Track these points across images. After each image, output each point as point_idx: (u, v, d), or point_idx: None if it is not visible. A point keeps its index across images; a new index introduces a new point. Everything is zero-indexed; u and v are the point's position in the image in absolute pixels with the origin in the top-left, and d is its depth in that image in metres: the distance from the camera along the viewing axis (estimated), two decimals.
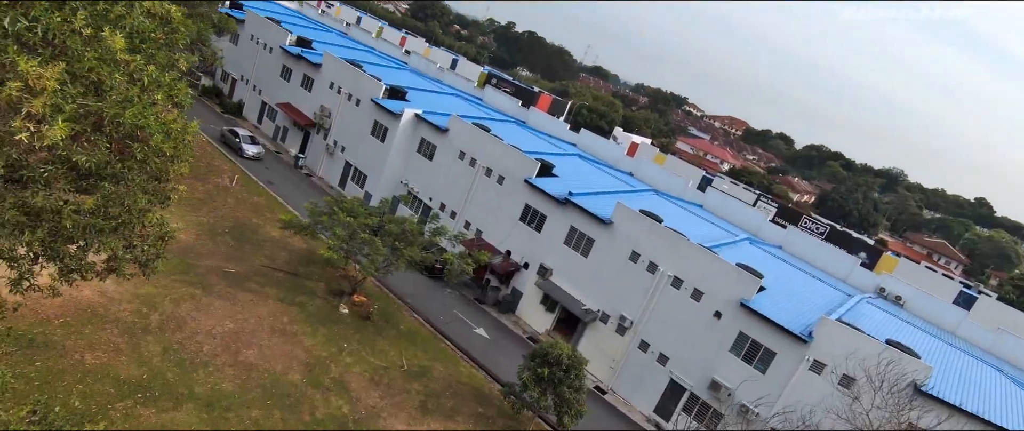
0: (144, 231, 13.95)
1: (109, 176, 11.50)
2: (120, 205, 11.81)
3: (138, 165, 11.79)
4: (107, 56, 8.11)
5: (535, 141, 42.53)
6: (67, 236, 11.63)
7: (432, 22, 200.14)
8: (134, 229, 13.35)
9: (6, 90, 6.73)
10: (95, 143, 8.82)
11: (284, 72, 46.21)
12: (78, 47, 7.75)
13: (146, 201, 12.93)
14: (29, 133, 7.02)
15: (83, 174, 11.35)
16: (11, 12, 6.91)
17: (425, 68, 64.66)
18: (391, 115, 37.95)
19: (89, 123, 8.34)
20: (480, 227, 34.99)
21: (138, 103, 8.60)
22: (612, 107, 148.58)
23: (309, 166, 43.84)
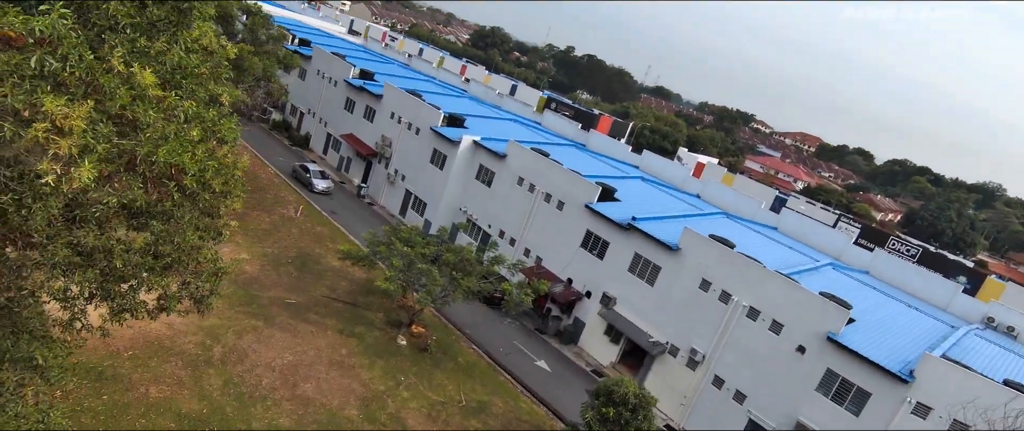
0: (198, 267, 13.82)
1: (159, 214, 11.38)
2: (170, 243, 11.65)
3: (188, 202, 11.64)
4: (140, 93, 7.87)
5: (595, 164, 41.38)
6: (119, 276, 11.55)
7: (492, 50, 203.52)
8: (187, 266, 13.22)
9: (32, 131, 6.51)
10: (129, 183, 8.58)
11: (348, 104, 47.38)
12: (112, 85, 7.54)
13: (198, 238, 12.78)
14: (56, 176, 6.77)
15: (134, 212, 11.29)
16: (39, 52, 6.74)
17: (484, 95, 65.03)
18: (449, 142, 37.90)
19: (122, 163, 8.10)
20: (540, 254, 34.02)
21: (174, 140, 8.31)
22: (675, 127, 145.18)
23: (371, 195, 44.42)
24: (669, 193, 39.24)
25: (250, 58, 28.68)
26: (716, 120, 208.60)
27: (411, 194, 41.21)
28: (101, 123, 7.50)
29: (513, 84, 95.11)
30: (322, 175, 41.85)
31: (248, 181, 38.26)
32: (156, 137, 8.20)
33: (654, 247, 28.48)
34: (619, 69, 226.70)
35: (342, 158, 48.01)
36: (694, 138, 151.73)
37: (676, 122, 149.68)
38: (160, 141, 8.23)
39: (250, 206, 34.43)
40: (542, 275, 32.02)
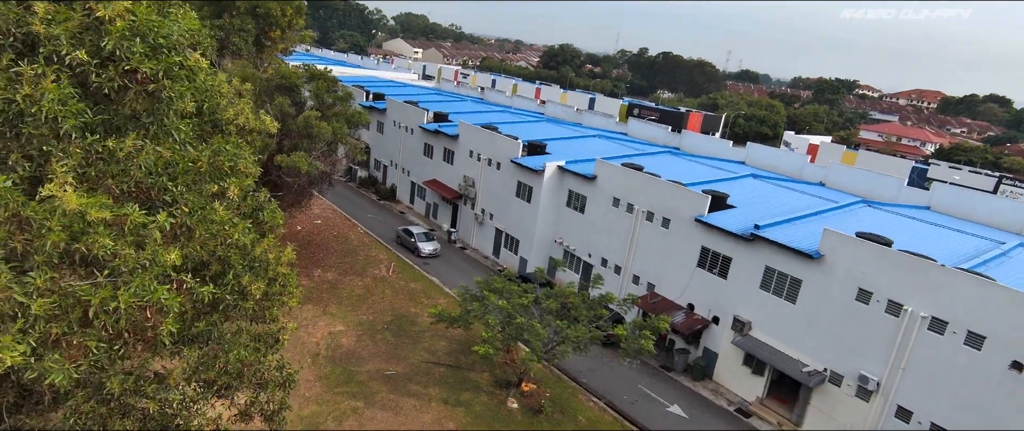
0: (262, 378, 11.87)
1: (192, 338, 9.45)
2: (212, 368, 9.68)
3: (221, 316, 9.64)
4: (83, 226, 5.86)
5: (697, 169, 37.15)
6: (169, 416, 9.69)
7: (564, 67, 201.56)
8: (248, 382, 11.28)
9: None
10: (83, 347, 6.50)
11: (426, 150, 46.41)
12: (40, 217, 5.60)
13: (253, 350, 10.80)
14: None
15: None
16: None
17: (563, 115, 62.38)
18: (533, 172, 35.37)
19: (74, 318, 6.05)
20: (651, 280, 30.32)
21: (143, 274, 6.19)
22: (772, 110, 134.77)
23: (462, 238, 42.73)
24: (789, 188, 34.20)
25: (318, 124, 27.87)
26: (815, 94, 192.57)
27: (501, 233, 38.98)
28: (33, 272, 5.47)
29: (590, 97, 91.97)
30: (427, 236, 39.52)
31: (338, 244, 37.83)
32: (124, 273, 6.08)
33: (788, 257, 24.03)
34: (698, 60, 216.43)
35: (428, 205, 46.94)
36: (795, 117, 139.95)
37: (771, 104, 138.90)
38: (128, 278, 6.10)
39: (342, 271, 33.60)
40: (658, 305, 28.29)
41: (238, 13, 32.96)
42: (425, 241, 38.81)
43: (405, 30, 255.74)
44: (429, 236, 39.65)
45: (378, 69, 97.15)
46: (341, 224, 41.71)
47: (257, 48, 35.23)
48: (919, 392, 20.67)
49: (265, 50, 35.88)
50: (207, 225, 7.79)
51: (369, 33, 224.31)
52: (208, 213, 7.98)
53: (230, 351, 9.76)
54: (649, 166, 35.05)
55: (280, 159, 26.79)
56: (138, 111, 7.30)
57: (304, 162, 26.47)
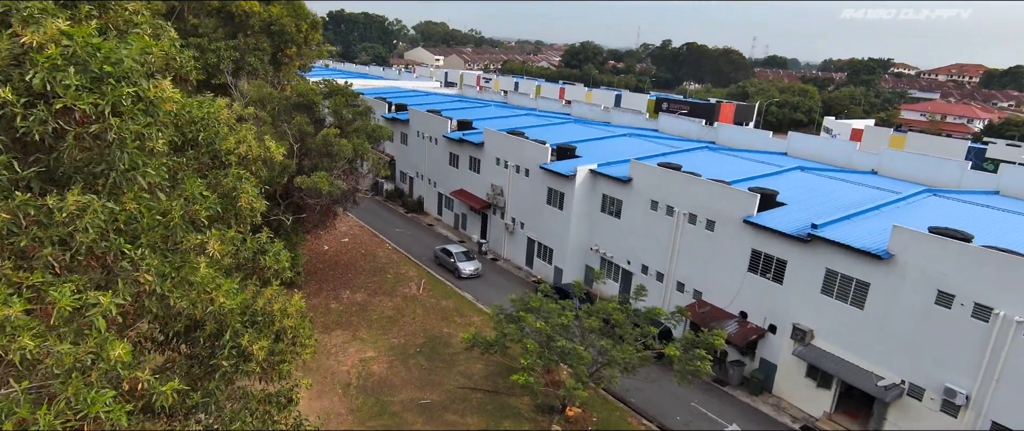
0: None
1: (187, 412, 8.07)
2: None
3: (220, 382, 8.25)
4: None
5: (738, 164, 34.92)
6: None
7: (587, 65, 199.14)
8: None
9: None
10: None
11: (452, 160, 45.11)
12: None
13: (260, 417, 9.39)
14: None
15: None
16: None
17: (589, 114, 60.47)
18: (563, 178, 33.66)
19: None
20: (697, 287, 28.30)
21: (77, 380, 4.80)
22: (805, 95, 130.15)
23: (493, 249, 41.24)
24: (841, 179, 31.75)
25: (338, 141, 26.71)
26: (849, 75, 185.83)
27: (534, 242, 37.34)
28: None
29: (616, 94, 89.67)
30: (467, 256, 37.22)
31: (367, 262, 36.72)
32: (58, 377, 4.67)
33: (852, 258, 21.82)
34: (724, 49, 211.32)
35: (457, 216, 45.62)
36: (830, 102, 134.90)
37: (804, 89, 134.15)
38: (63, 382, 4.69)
39: (371, 291, 32.42)
40: (707, 315, 26.29)
41: (253, 32, 32.14)
42: (465, 261, 36.50)
43: (425, 38, 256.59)
44: (469, 255, 37.38)
45: (400, 79, 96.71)
46: (369, 241, 40.65)
47: (274, 66, 34.37)
48: (1019, 406, 18.30)
49: (283, 68, 35.03)
50: (184, 290, 6.40)
51: (390, 44, 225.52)
52: (187, 273, 6.59)
53: (232, 423, 8.35)
54: (686, 164, 33.02)
55: (300, 181, 25.71)
56: (77, 159, 5.92)
57: (325, 183, 25.31)
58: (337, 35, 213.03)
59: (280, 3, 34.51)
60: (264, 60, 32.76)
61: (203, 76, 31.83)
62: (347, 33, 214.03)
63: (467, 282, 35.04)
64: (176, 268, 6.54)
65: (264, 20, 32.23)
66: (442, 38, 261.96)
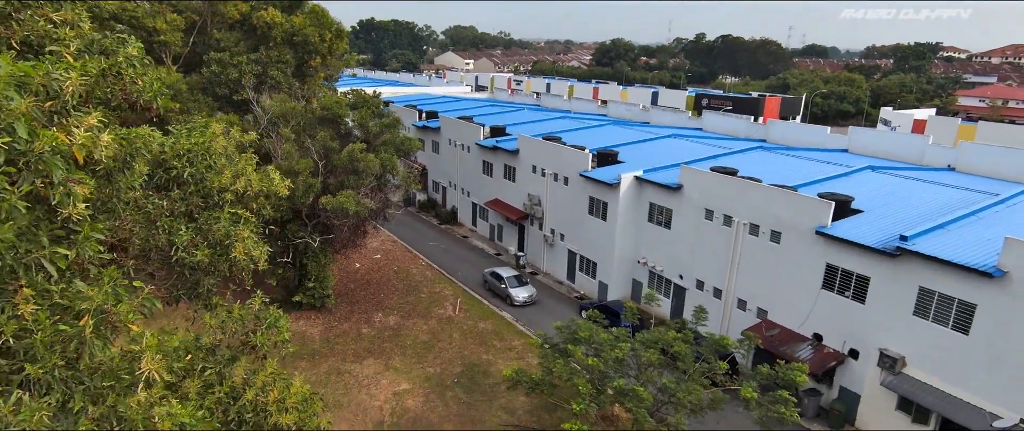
0: None
1: None
2: None
3: None
4: None
5: (797, 165, 31.88)
6: None
7: (619, 63, 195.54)
8: None
9: None
10: None
11: (485, 168, 43.11)
12: None
13: None
14: None
15: None
16: None
17: (627, 114, 57.74)
18: (606, 186, 31.20)
19: None
20: (762, 305, 25.51)
21: None
22: (852, 84, 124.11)
23: (531, 262, 39.01)
24: (919, 179, 28.44)
25: (364, 157, 24.91)
26: (896, 62, 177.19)
27: (575, 255, 34.96)
28: None
29: (653, 91, 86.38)
30: (519, 280, 33.37)
31: (400, 281, 34.93)
32: None
33: (952, 276, 18.83)
34: (761, 40, 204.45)
35: (492, 227, 43.57)
36: (879, 90, 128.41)
37: (850, 78, 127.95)
38: None
39: (405, 313, 30.58)
40: (777, 338, 23.49)
41: (275, 44, 30.74)
42: (518, 287, 32.79)
43: (455, 43, 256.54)
44: (522, 280, 33.73)
45: (430, 85, 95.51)
46: (402, 257, 38.92)
47: (299, 79, 32.96)
48: None
49: (308, 80, 33.60)
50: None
51: (420, 50, 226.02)
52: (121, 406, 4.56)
53: None
54: (741, 167, 30.21)
55: (325, 201, 24.00)
56: None
57: (351, 202, 23.53)
58: (368, 43, 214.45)
59: (303, 13, 33.08)
60: (287, 73, 31.31)
61: (226, 91, 30.57)
62: (378, 41, 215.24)
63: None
64: (98, 394, 4.54)
65: (286, 31, 30.78)
66: (471, 42, 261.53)
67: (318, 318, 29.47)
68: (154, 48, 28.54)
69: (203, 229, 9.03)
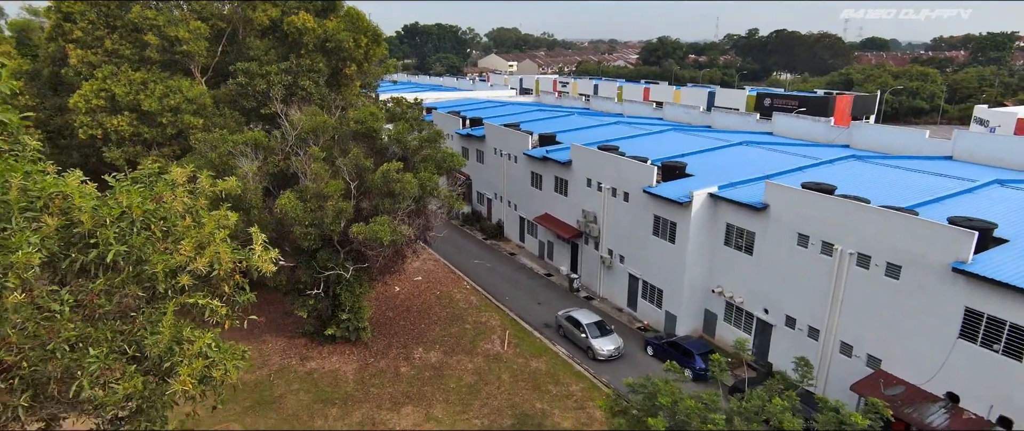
0: None
1: None
2: None
3: None
4: None
5: (905, 179, 27.17)
6: None
7: (667, 61, 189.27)
8: None
9: None
10: None
11: (534, 180, 39.67)
12: None
13: None
14: None
15: None
16: None
17: (684, 117, 53.33)
18: (674, 205, 27.27)
19: None
20: (874, 352, 21.16)
21: None
22: (925, 79, 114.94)
23: (586, 285, 35.32)
24: None
25: (401, 178, 21.85)
26: (971, 53, 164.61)
27: (637, 280, 31.10)
28: None
29: (709, 91, 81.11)
30: (602, 328, 27.56)
31: (442, 307, 31.82)
32: None
33: None
34: (819, 34, 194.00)
35: (542, 244, 40.09)
36: (955, 85, 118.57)
37: (923, 73, 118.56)
38: None
39: (448, 347, 27.44)
40: (902, 398, 19.15)
41: (306, 51, 28.17)
42: (601, 337, 27.08)
43: (498, 45, 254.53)
44: (605, 328, 27.77)
45: (474, 89, 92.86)
46: (444, 278, 35.87)
47: (333, 88, 30.33)
48: None
49: (343, 89, 30.97)
50: None
51: (464, 53, 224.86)
52: None
53: None
54: (831, 179, 25.84)
55: (356, 229, 21.04)
56: None
57: (386, 232, 20.50)
58: (412, 48, 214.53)
59: (338, 16, 30.42)
60: (319, 82, 28.66)
61: (254, 104, 28.15)
62: (421, 45, 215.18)
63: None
64: None
65: (319, 37, 28.12)
66: (515, 44, 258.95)
67: (352, 353, 26.64)
68: (177, 59, 26.33)
69: (135, 340, 5.88)
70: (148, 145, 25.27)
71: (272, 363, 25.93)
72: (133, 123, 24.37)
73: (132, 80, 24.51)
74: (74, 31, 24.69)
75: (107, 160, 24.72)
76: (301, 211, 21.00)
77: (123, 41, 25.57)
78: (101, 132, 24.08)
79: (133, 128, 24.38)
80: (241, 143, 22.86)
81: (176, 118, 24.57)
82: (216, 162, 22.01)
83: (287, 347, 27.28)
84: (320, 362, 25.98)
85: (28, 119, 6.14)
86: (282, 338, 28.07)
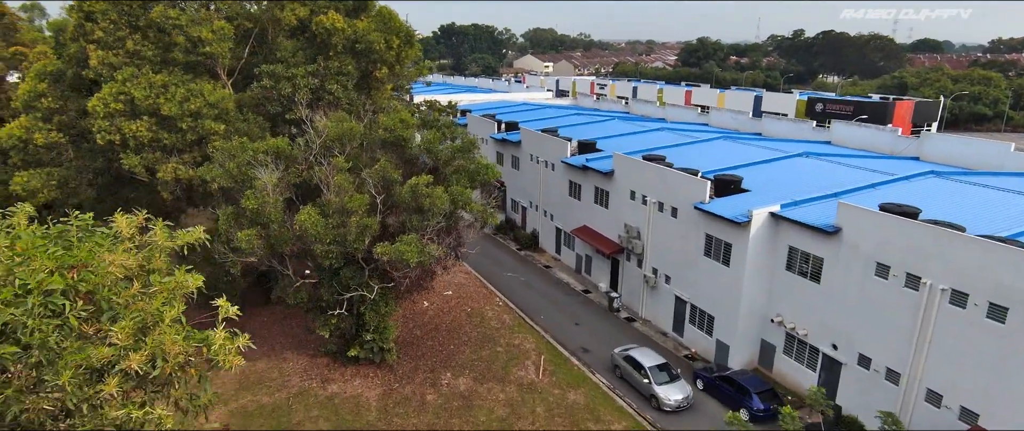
0: None
1: None
2: None
3: None
4: None
5: (997, 200, 23.97)
6: None
7: (707, 63, 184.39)
8: None
9: None
10: None
11: (572, 189, 37.42)
12: None
13: None
14: None
15: None
16: None
17: (731, 123, 50.28)
18: (731, 224, 24.68)
19: None
20: (970, 403, 18.31)
21: None
22: (988, 83, 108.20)
23: (627, 305, 32.91)
24: None
25: (430, 192, 19.94)
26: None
27: (685, 303, 28.57)
28: None
29: (755, 95, 77.33)
30: (669, 372, 23.88)
31: (473, 326, 29.85)
32: None
33: None
34: (870, 35, 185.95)
35: (579, 257, 37.80)
36: (1021, 90, 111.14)
37: (986, 77, 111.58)
38: None
39: (478, 373, 25.44)
40: None
41: (335, 53, 26.57)
42: (668, 384, 23.36)
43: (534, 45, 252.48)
44: (672, 372, 24.08)
45: (510, 91, 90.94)
46: (476, 294, 33.93)
47: (362, 92, 28.69)
48: None
49: (373, 93, 29.31)
50: None
51: (500, 53, 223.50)
52: None
53: None
54: (910, 199, 22.90)
55: (381, 250, 19.23)
56: None
57: (413, 252, 18.62)
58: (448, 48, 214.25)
59: (369, 16, 28.76)
60: (348, 86, 27.00)
61: (278, 109, 26.67)
62: (458, 46, 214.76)
63: (598, 348, 27.02)
64: None
65: (348, 38, 26.47)
66: (551, 44, 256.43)
67: (376, 376, 24.87)
68: (201, 61, 25.00)
69: None
70: (168, 151, 23.98)
71: (292, 385, 24.36)
72: (152, 128, 23.10)
73: (153, 83, 23.25)
74: (95, 31, 23.57)
75: (125, 167, 23.52)
76: (322, 228, 19.28)
77: (145, 42, 24.35)
78: (119, 137, 22.87)
79: (152, 133, 23.11)
80: (262, 152, 21.30)
81: (196, 123, 23.21)
82: (234, 173, 20.47)
83: (308, 366, 25.70)
84: (342, 385, 24.29)
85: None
86: (304, 356, 26.53)
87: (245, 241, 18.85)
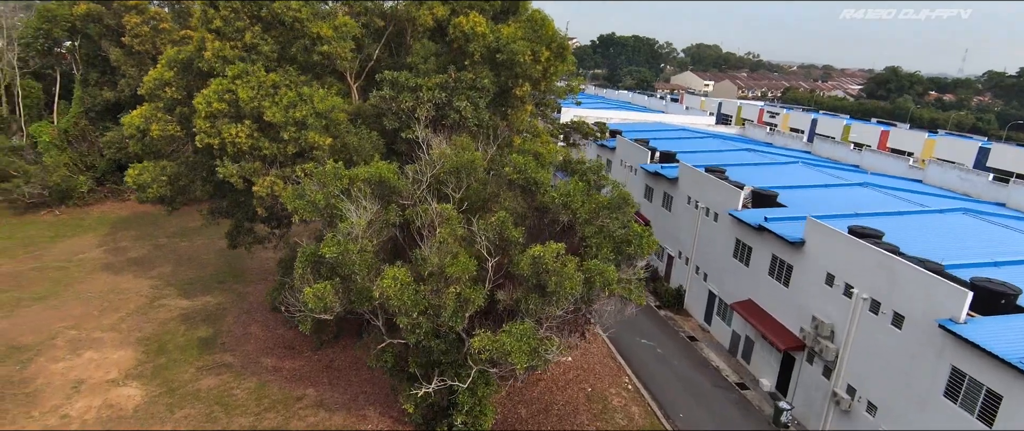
0: None
1: None
2: None
3: None
4: None
5: None
6: None
7: (900, 97, 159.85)
8: None
9: None
10: None
11: (739, 251, 29.80)
12: None
13: None
14: None
15: None
16: None
17: (958, 185, 39.04)
18: (1004, 366, 16.06)
19: None
20: None
21: None
22: None
23: (799, 421, 24.82)
24: None
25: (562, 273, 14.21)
26: None
27: None
28: None
29: (981, 145, 61.96)
30: None
31: (591, 415, 23.61)
32: None
33: None
34: None
35: (736, 337, 30.08)
36: None
37: None
38: None
39: None
40: None
41: (471, 63, 21.93)
42: None
43: (695, 62, 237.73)
44: None
45: (667, 111, 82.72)
46: (600, 365, 27.73)
47: (497, 110, 23.81)
48: None
49: (510, 112, 24.36)
50: None
51: (657, 67, 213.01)
52: None
53: None
54: None
55: (478, 344, 13.89)
56: None
57: (522, 356, 13.10)
58: (604, 58, 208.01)
59: (518, 21, 23.79)
60: (479, 104, 22.14)
61: (396, 124, 22.51)
62: (615, 56, 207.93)
63: None
64: None
65: (488, 46, 21.62)
66: (713, 62, 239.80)
67: None
68: (320, 62, 21.54)
69: None
70: (268, 162, 20.76)
71: None
72: (253, 134, 19.95)
73: (262, 82, 20.09)
74: (215, 19, 21.01)
75: (221, 176, 20.59)
76: (409, 297, 14.40)
77: (265, 36, 21.38)
78: (218, 141, 19.99)
79: (252, 140, 19.95)
80: (362, 180, 16.98)
81: (300, 134, 19.64)
82: (322, 205, 16.32)
83: None
84: None
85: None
86: (387, 419, 22.19)
87: (313, 299, 14.57)
